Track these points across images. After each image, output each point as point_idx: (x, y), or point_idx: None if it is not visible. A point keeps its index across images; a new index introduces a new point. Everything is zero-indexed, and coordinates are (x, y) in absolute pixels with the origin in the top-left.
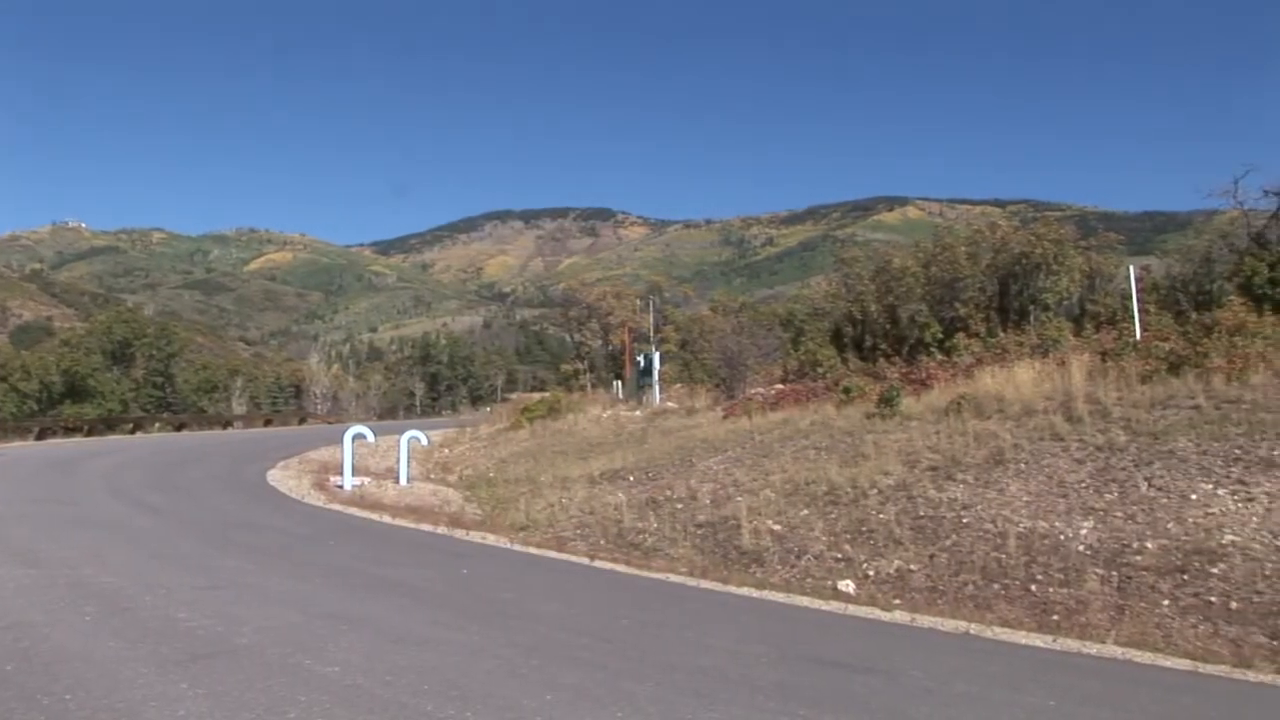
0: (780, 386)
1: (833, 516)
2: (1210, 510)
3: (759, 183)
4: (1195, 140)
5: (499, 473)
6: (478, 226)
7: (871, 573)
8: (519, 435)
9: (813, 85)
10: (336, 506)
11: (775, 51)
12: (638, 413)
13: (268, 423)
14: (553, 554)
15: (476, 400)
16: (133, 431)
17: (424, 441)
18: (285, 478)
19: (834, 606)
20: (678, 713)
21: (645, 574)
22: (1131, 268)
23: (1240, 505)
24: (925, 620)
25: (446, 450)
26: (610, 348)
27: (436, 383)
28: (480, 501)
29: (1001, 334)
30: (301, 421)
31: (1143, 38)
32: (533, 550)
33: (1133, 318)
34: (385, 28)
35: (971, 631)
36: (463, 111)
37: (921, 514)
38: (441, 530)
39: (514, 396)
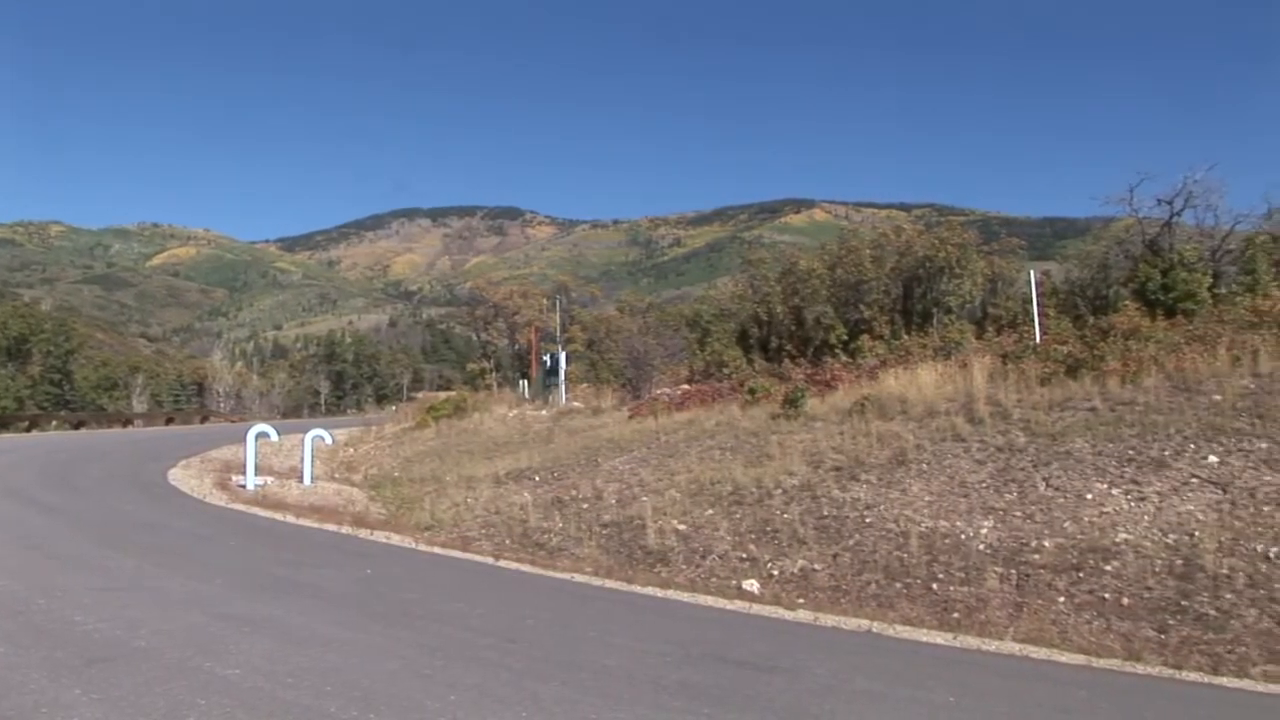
0: (686, 387)
1: (738, 516)
2: (1105, 509)
3: (667, 183)
4: (1094, 148)
5: (404, 472)
6: (385, 224)
7: (776, 572)
8: (424, 434)
9: (720, 86)
10: (239, 506)
11: (683, 51)
12: (544, 412)
13: (169, 421)
14: (458, 554)
15: (382, 399)
16: (29, 430)
17: (328, 440)
18: (187, 477)
19: (738, 606)
20: (582, 712)
21: (550, 574)
22: (1032, 272)
23: (1133, 504)
24: (828, 619)
25: (351, 449)
26: (517, 347)
27: (342, 381)
28: (385, 501)
29: (905, 336)
30: (204, 420)
31: (1043, 46)
32: (438, 550)
33: (1033, 321)
34: (288, 20)
35: (874, 630)
36: (370, 107)
37: (825, 514)
38: (346, 530)
39: (420, 395)
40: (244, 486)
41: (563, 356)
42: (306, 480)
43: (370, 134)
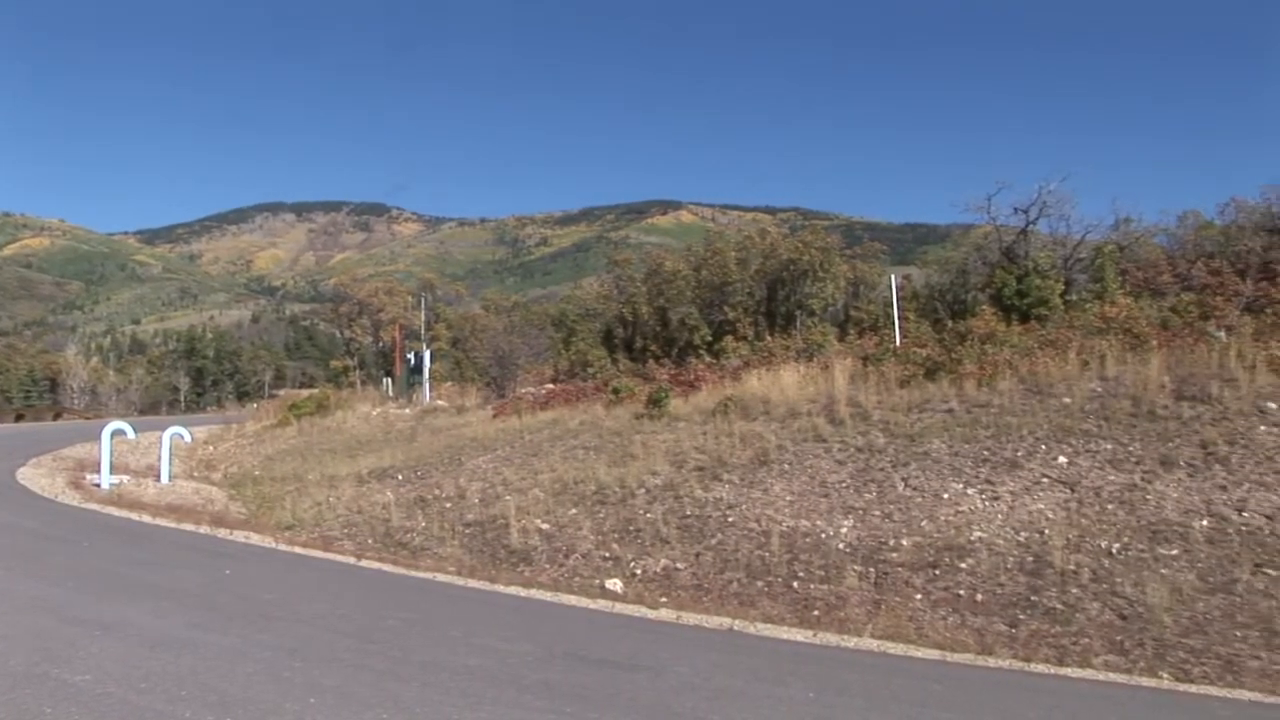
0: (551, 386)
1: (601, 516)
2: (960, 508)
3: (534, 182)
4: (955, 156)
5: (265, 471)
6: (248, 218)
7: (639, 571)
8: (286, 433)
9: (587, 85)
10: (93, 505)
11: (550, 52)
12: (408, 411)
13: (19, 418)
14: (319, 554)
15: (243, 396)
16: None
17: (187, 438)
18: (37, 475)
19: (601, 605)
20: (443, 713)
21: (413, 573)
22: (893, 277)
23: (987, 503)
24: (691, 618)
25: (211, 448)
26: (381, 345)
27: (202, 378)
28: (245, 500)
29: (769, 338)
30: (57, 417)
31: (907, 53)
32: (298, 550)
33: (893, 325)
34: (153, 12)
35: (735, 628)
36: (234, 100)
37: (688, 513)
38: (204, 530)
39: (282, 393)
40: (98, 485)
41: (427, 355)
42: (164, 479)
43: (235, 125)
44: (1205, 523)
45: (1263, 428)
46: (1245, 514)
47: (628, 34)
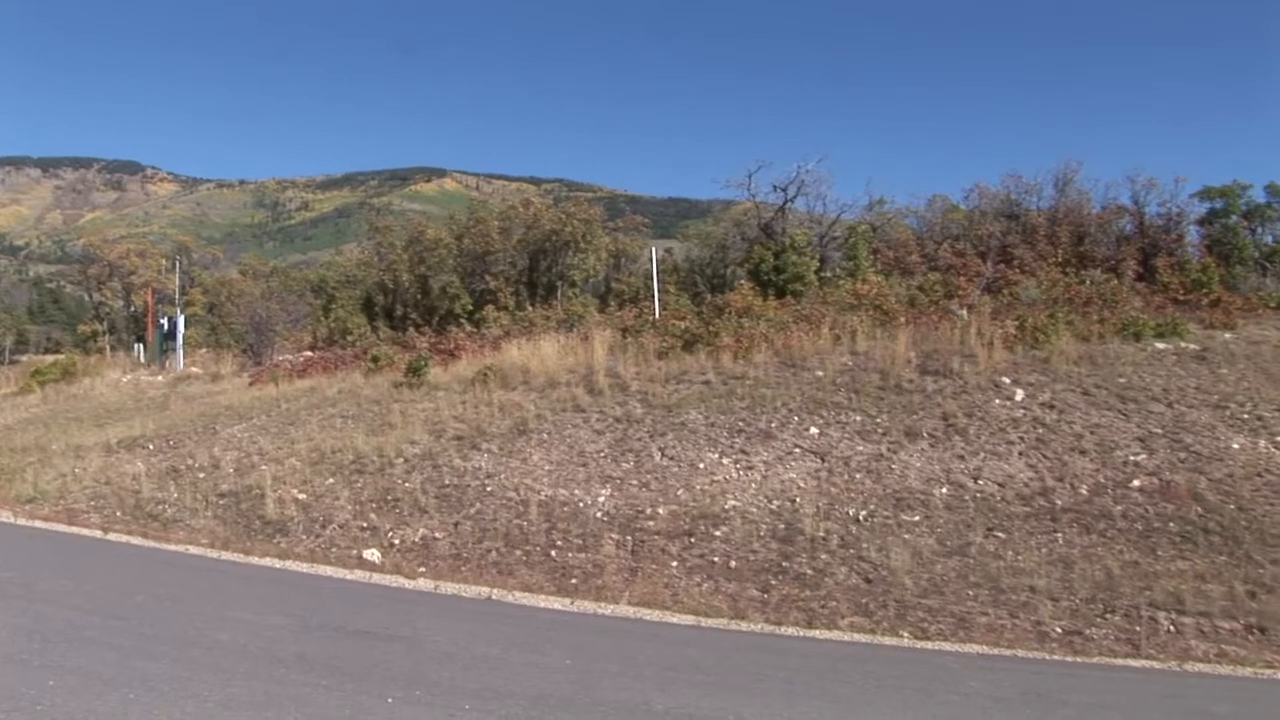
0: (309, 354)
1: (359, 485)
2: (716, 478)
3: (296, 145)
4: (718, 132)
5: (4, 441)
6: None
7: (397, 541)
8: (29, 400)
9: (353, 47)
10: None
11: (313, 9)
12: (160, 378)
13: None
14: (62, 527)
15: None
16: None
17: None
18: None
19: (359, 575)
20: (194, 690)
21: (164, 546)
22: (654, 250)
23: (742, 472)
24: (449, 587)
25: None
26: (133, 309)
27: None
28: None
29: (530, 308)
30: None
31: (669, 33)
32: (40, 524)
33: (654, 297)
34: None
35: (494, 597)
36: None
37: (447, 483)
38: None
39: (25, 359)
40: None
41: (181, 320)
42: None
43: None
44: (945, 490)
45: (998, 401)
46: (980, 481)
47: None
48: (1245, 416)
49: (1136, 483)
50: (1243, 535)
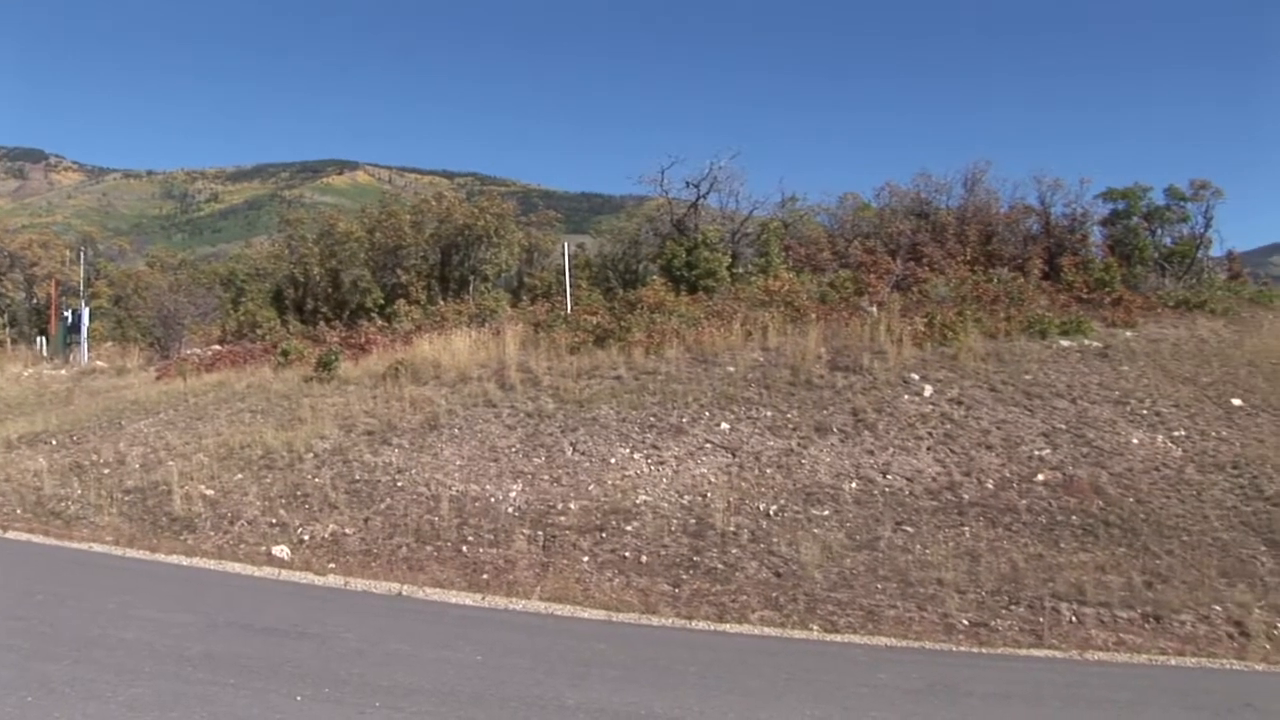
0: (218, 348)
1: (268, 481)
2: (627, 473)
3: (205, 135)
4: (632, 129)
5: None
6: None
7: (306, 537)
8: None
9: (262, 37)
10: None
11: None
12: (64, 372)
13: None
14: None
15: None
16: None
17: None
18: None
19: (267, 572)
20: (96, 691)
21: (67, 544)
22: (567, 245)
23: (653, 468)
24: (359, 583)
25: None
26: (35, 301)
27: None
28: None
29: (442, 302)
30: None
31: (582, 26)
32: None
33: (566, 292)
34: None
35: (404, 593)
36: None
37: (357, 478)
38: None
39: None
40: None
41: (86, 313)
42: None
43: None
44: (854, 485)
45: (906, 396)
46: (889, 476)
47: None
48: (1145, 412)
49: (1041, 477)
50: (1141, 527)
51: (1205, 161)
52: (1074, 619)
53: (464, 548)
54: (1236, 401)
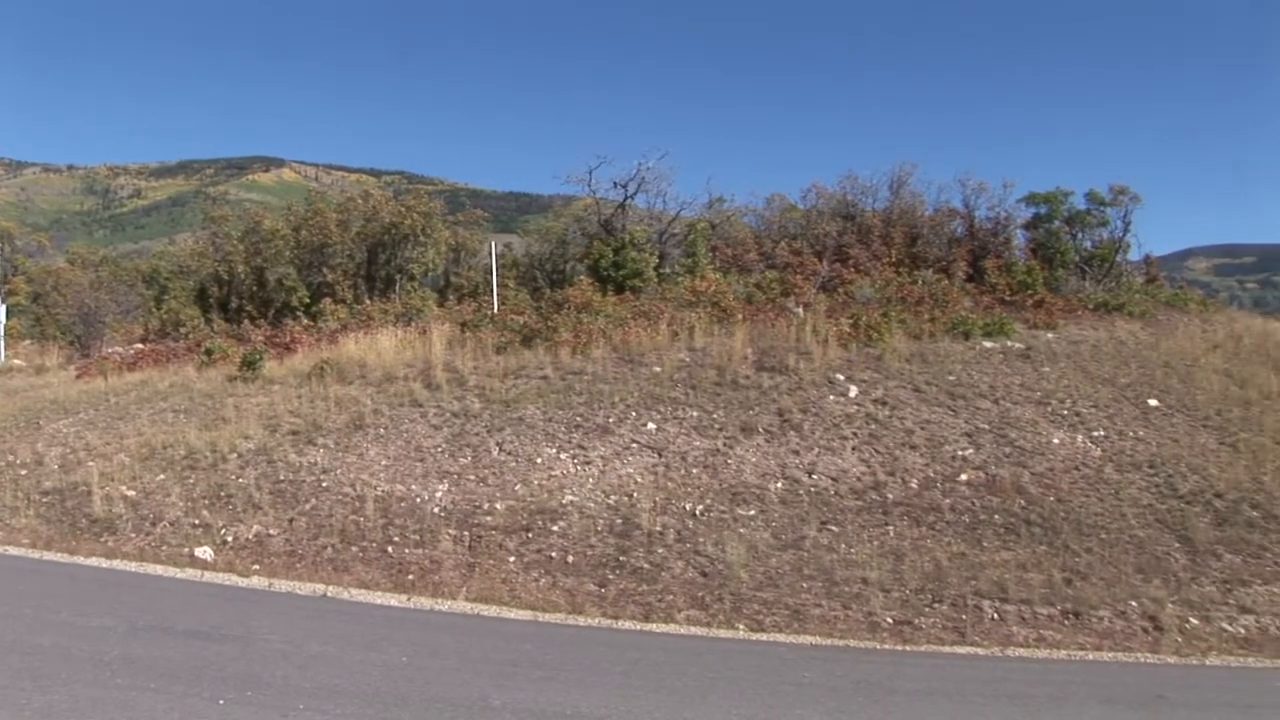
0: (140, 346)
1: (191, 481)
2: (554, 473)
3: (128, 130)
4: (560, 128)
5: None
6: None
7: (230, 538)
8: None
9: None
10: None
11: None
12: None
13: None
14: None
15: None
16: None
17: None
18: None
19: (190, 574)
20: (10, 699)
21: None
22: (493, 244)
23: (579, 468)
24: (283, 584)
25: None
26: None
27: None
28: None
29: (368, 301)
30: None
31: (508, 24)
32: None
33: (493, 291)
34: None
35: (329, 594)
36: None
37: (282, 478)
38: None
39: None
40: None
41: (2, 310)
42: None
43: None
44: (779, 485)
45: (831, 397)
46: (814, 476)
47: None
48: (1065, 413)
49: (964, 477)
50: (1061, 526)
51: (1125, 166)
52: (996, 616)
53: (389, 548)
54: (1153, 402)
